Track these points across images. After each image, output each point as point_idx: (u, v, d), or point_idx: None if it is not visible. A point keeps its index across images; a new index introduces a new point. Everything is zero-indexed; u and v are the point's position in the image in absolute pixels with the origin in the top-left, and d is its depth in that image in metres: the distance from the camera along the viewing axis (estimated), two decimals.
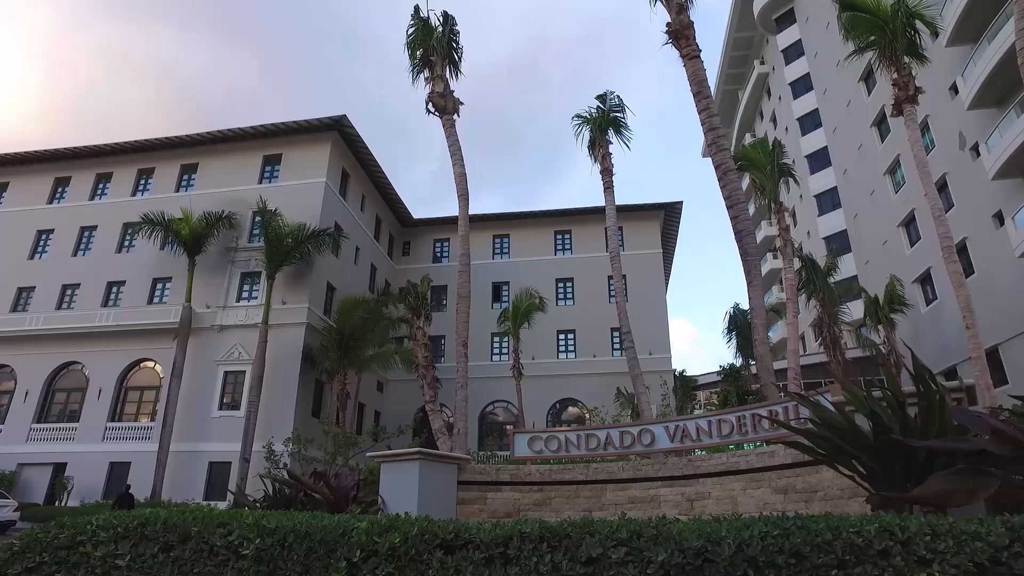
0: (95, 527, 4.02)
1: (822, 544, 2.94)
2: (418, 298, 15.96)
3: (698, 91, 10.29)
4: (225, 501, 23.63)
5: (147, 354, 27.84)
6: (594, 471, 8.45)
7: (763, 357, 9.44)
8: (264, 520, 3.78)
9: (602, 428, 8.82)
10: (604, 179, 19.07)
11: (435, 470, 8.08)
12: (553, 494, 8.39)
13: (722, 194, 10.07)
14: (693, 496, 7.77)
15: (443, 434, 14.57)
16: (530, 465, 8.77)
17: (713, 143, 9.99)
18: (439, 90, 15.50)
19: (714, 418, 8.08)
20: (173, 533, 3.85)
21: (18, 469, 26.48)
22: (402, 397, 34.59)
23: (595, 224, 37.86)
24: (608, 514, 8.18)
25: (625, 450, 8.59)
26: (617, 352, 35.10)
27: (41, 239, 31.74)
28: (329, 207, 28.82)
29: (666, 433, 8.34)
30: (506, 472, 8.57)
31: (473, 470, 8.63)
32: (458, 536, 3.51)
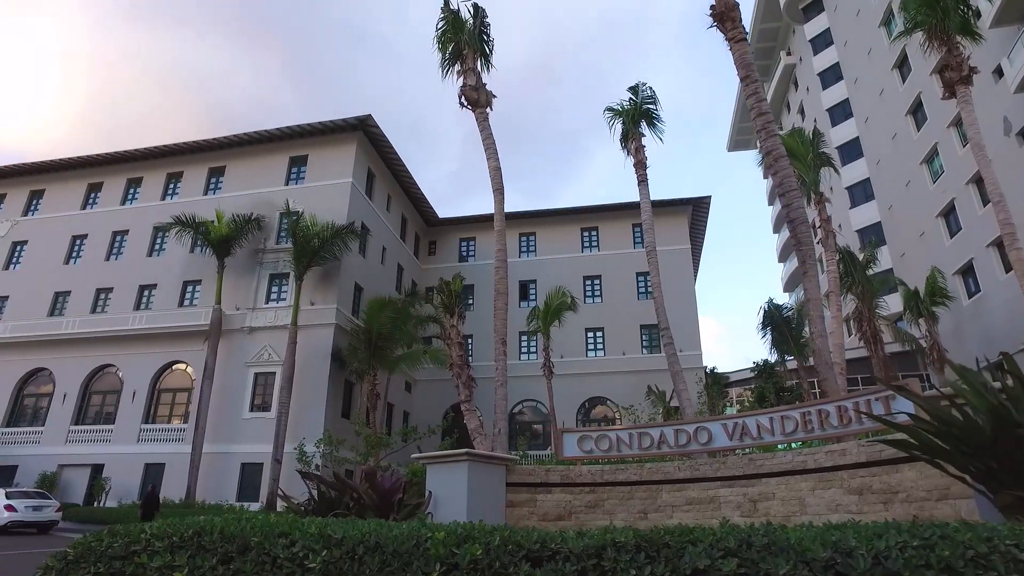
0: (149, 536, 3.79)
1: (977, 558, 2.56)
2: (451, 296, 15.71)
3: (745, 75, 9.85)
4: (258, 502, 23.70)
5: (179, 356, 28.04)
6: (649, 471, 8.08)
7: (822, 351, 8.99)
8: (329, 529, 3.50)
9: (655, 426, 8.45)
10: (638, 172, 18.64)
11: (483, 472, 7.79)
12: (606, 495, 8.04)
13: (773, 181, 9.65)
14: (756, 497, 7.37)
15: (479, 434, 14.29)
16: (580, 465, 8.44)
17: (763, 128, 9.56)
18: (471, 83, 15.24)
19: (776, 415, 7.67)
20: (232, 544, 3.59)
21: (59, 470, 26.89)
22: (430, 397, 34.49)
23: (622, 220, 37.42)
24: (664, 516, 7.83)
25: (680, 449, 8.21)
26: (646, 350, 34.64)
27: (76, 244, 32.22)
28: (355, 207, 28.76)
29: (724, 431, 7.95)
30: (556, 473, 8.24)
31: (521, 471, 8.32)
32: (545, 546, 3.20)
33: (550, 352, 27.70)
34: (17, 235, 33.19)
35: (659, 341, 34.62)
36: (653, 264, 17.80)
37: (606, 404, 34.34)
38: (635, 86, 19.13)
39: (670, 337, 17.14)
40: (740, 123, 60.39)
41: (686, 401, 15.98)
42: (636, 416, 24.95)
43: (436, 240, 38.86)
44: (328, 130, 29.48)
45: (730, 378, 39.52)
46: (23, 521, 20.74)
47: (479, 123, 15.19)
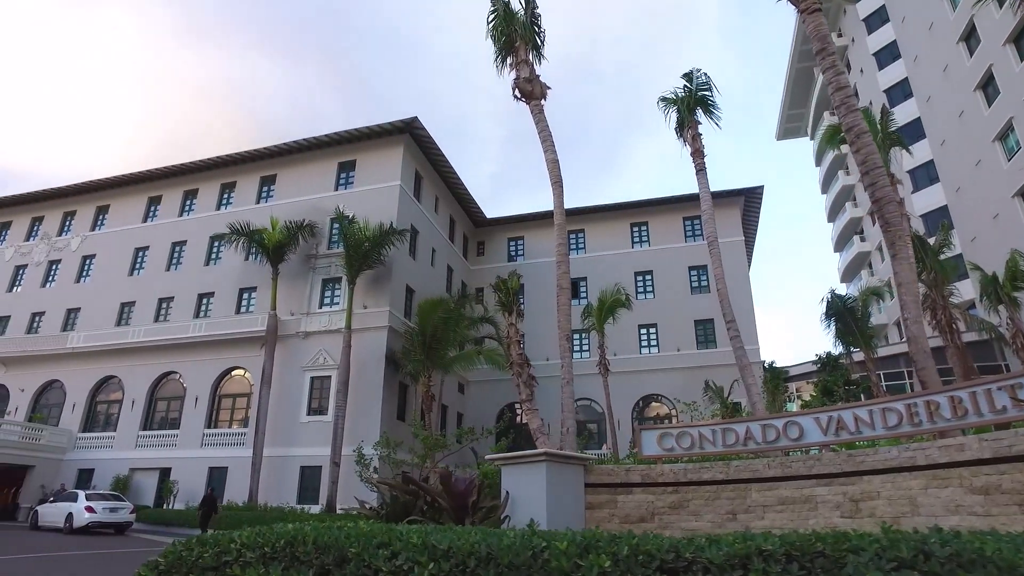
0: (240, 546, 3.59)
1: None
2: (508, 293, 15.44)
3: (821, 48, 9.24)
4: (318, 505, 23.94)
5: (237, 362, 28.63)
6: (735, 469, 7.60)
7: (918, 337, 8.33)
8: (433, 539, 3.21)
9: (740, 421, 7.97)
10: (695, 161, 18.00)
11: (562, 472, 7.46)
12: (690, 495, 7.61)
13: (855, 160, 9.02)
14: (858, 496, 6.81)
15: (541, 434, 13.96)
16: (661, 464, 8.02)
17: (843, 103, 8.95)
18: (525, 75, 14.95)
19: (877, 407, 7.09)
20: (327, 554, 3.35)
21: (130, 473, 27.82)
22: (484, 398, 34.40)
23: (672, 214, 36.62)
24: (755, 517, 7.34)
25: (768, 445, 7.70)
26: (702, 345, 33.76)
27: (138, 256, 33.37)
28: (404, 209, 28.86)
29: (817, 425, 7.41)
30: (636, 472, 7.85)
31: (600, 471, 7.96)
32: (679, 556, 2.84)
33: (605, 349, 27.18)
34: (86, 249, 34.65)
35: (714, 336, 33.75)
36: (715, 255, 17.13)
37: (660, 401, 33.62)
38: (689, 73, 18.51)
39: (736, 330, 16.45)
40: (789, 110, 58.44)
41: (756, 396, 15.30)
42: (698, 413, 24.16)
43: (484, 240, 38.78)
44: (375, 134, 29.67)
45: (789, 372, 38.19)
46: (102, 522, 21.61)
47: (534, 115, 14.88)
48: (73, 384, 31.20)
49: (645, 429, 8.29)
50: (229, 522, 22.49)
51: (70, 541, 18.66)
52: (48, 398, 32.03)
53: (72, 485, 27.64)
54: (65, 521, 21.81)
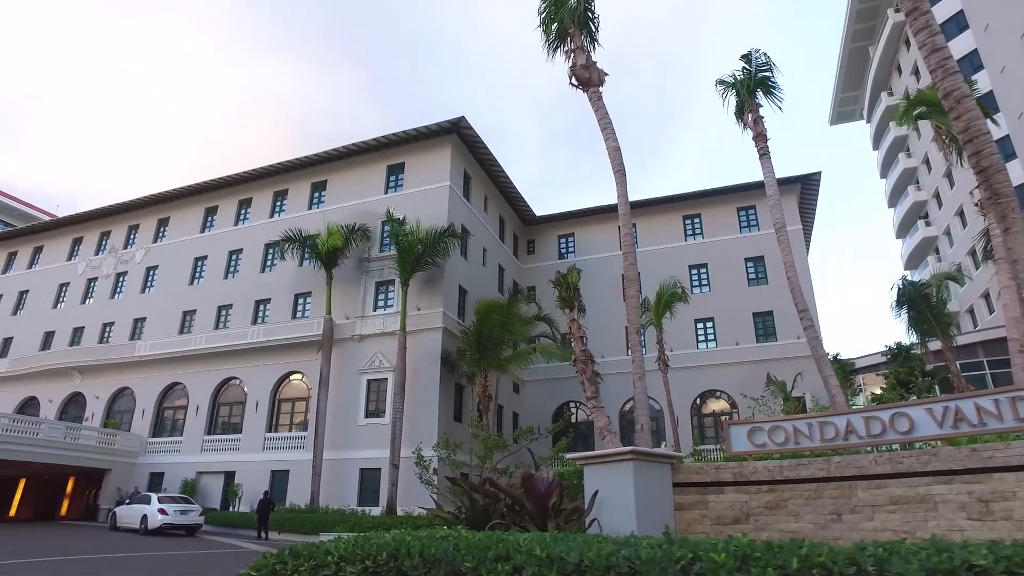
0: (338, 558, 3.28)
1: None
2: (569, 289, 15.01)
3: (913, 7, 8.51)
4: (378, 507, 23.98)
5: (295, 367, 29.03)
6: (838, 466, 6.99)
7: None
8: (560, 550, 2.83)
9: (839, 414, 7.36)
10: (758, 145, 17.19)
11: (650, 471, 7.00)
12: (788, 494, 7.04)
13: (956, 127, 8.25)
14: (987, 496, 6.14)
15: (609, 432, 13.49)
16: (752, 461, 7.47)
17: (939, 66, 8.18)
18: (581, 62, 14.51)
19: (1004, 396, 6.39)
20: (438, 568, 3.01)
21: (197, 477, 28.54)
22: (538, 397, 34.05)
23: (725, 205, 35.54)
24: (863, 518, 6.73)
25: (873, 439, 7.07)
26: (761, 338, 32.60)
27: (198, 265, 34.32)
28: (454, 210, 28.75)
29: (931, 417, 6.74)
30: (727, 470, 7.32)
31: (688, 469, 7.46)
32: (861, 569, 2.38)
33: (664, 345, 26.44)
34: (150, 261, 35.88)
35: (774, 329, 32.52)
36: (783, 242, 16.28)
37: (719, 397, 32.62)
38: (748, 54, 17.71)
39: (810, 320, 15.61)
40: (843, 93, 56.11)
41: (835, 389, 14.43)
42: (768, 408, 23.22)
43: (534, 239, 38.44)
44: (422, 136, 29.68)
45: (855, 365, 36.53)
46: (173, 524, 22.27)
47: (592, 103, 14.41)
48: (142, 391, 32.28)
49: (734, 424, 7.75)
50: (293, 524, 22.79)
51: (147, 542, 19.15)
52: (120, 404, 33.24)
53: (144, 488, 28.59)
54: (140, 523, 22.54)
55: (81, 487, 32.98)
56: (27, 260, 41.28)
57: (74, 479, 33.18)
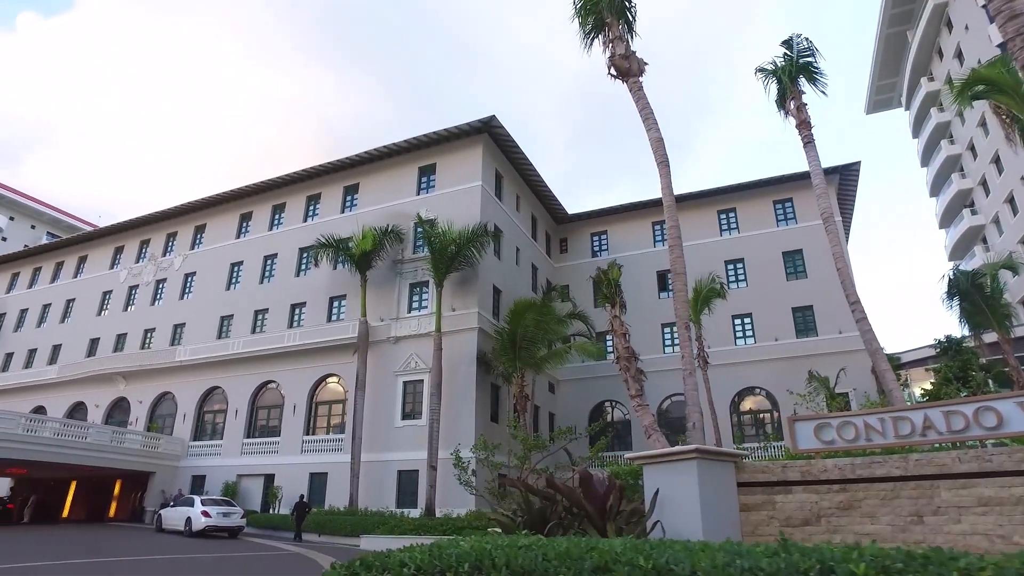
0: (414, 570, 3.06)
1: None
2: (610, 285, 14.69)
3: None
4: (416, 509, 23.93)
5: (331, 370, 29.19)
6: (916, 464, 6.59)
7: None
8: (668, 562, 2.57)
9: (916, 408, 6.95)
10: (802, 133, 16.62)
11: (714, 471, 6.69)
12: (862, 494, 6.66)
13: None
14: None
15: (655, 431, 13.14)
16: (820, 459, 7.11)
17: (1018, 34, 7.71)
18: (620, 52, 14.20)
19: None
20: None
21: (237, 480, 28.89)
22: (574, 397, 33.74)
23: (761, 198, 34.75)
24: (949, 520, 6.33)
25: (955, 435, 6.66)
26: (801, 333, 31.76)
27: (234, 271, 34.81)
28: (487, 210, 28.61)
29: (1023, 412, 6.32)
30: (794, 469, 6.96)
31: (752, 468, 7.13)
32: None
33: (703, 341, 25.92)
34: (188, 267, 36.55)
35: (814, 323, 31.66)
36: (832, 232, 15.67)
37: (757, 394, 31.86)
38: (788, 40, 17.17)
39: (862, 312, 15.02)
40: (880, 80, 54.47)
41: (892, 383, 13.84)
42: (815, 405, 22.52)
43: (567, 237, 38.14)
44: (453, 136, 29.61)
45: (901, 359, 35.39)
46: (217, 526, 22.55)
47: (633, 93, 14.08)
48: (183, 395, 32.86)
49: (799, 420, 7.39)
50: (333, 527, 22.89)
51: (192, 544, 19.39)
52: (162, 409, 33.90)
53: (187, 490, 29.03)
54: (185, 525, 22.90)
55: (128, 489, 33.72)
56: (72, 269, 42.46)
57: (121, 482, 33.95)
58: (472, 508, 22.37)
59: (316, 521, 23.77)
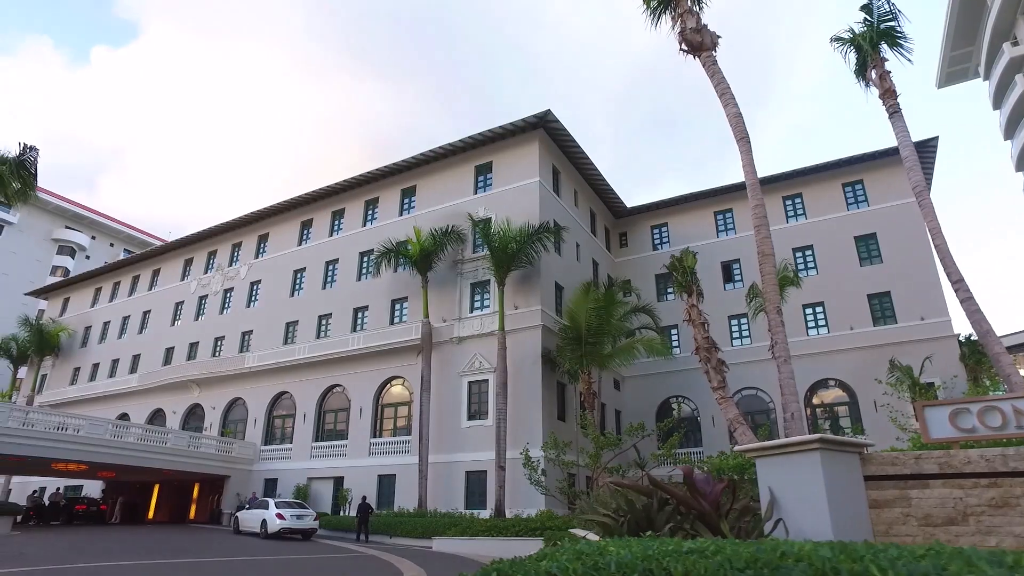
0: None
1: None
2: (686, 273, 14.02)
3: None
4: (486, 509, 23.69)
5: (396, 372, 29.33)
6: None
7: None
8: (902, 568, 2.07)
9: None
10: (887, 103, 15.49)
11: (838, 463, 6.08)
12: (1019, 490, 5.90)
13: None
14: None
15: (740, 424, 12.42)
16: (960, 449, 6.38)
17: None
18: (692, 25, 13.55)
19: None
20: None
21: (308, 482, 29.35)
22: (640, 393, 32.93)
23: (829, 182, 33.07)
24: None
25: None
26: (879, 321, 30.01)
27: (297, 277, 35.52)
28: (546, 206, 28.20)
29: None
30: (931, 460, 6.25)
31: (880, 460, 6.45)
32: None
33: None
34: (253, 276, 37.54)
35: (892, 310, 29.87)
36: (927, 208, 14.50)
37: (831, 386, 30.26)
38: (868, 4, 16.04)
39: (967, 291, 13.82)
40: (952, 51, 51.22)
41: (1009, 366, 12.63)
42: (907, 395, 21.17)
43: (626, 231, 37.31)
44: (508, 133, 29.32)
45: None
46: (291, 528, 22.87)
47: (707, 68, 13.39)
48: (253, 401, 33.70)
49: (930, 406, 6.66)
50: (404, 528, 22.86)
51: (270, 546, 19.68)
52: (234, 414, 34.88)
53: (261, 493, 29.70)
54: (260, 527, 23.32)
55: (205, 492, 34.86)
56: (148, 283, 44.33)
57: (199, 485, 35.13)
58: (542, 508, 21.99)
59: (386, 523, 23.85)
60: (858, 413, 28.43)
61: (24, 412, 25.69)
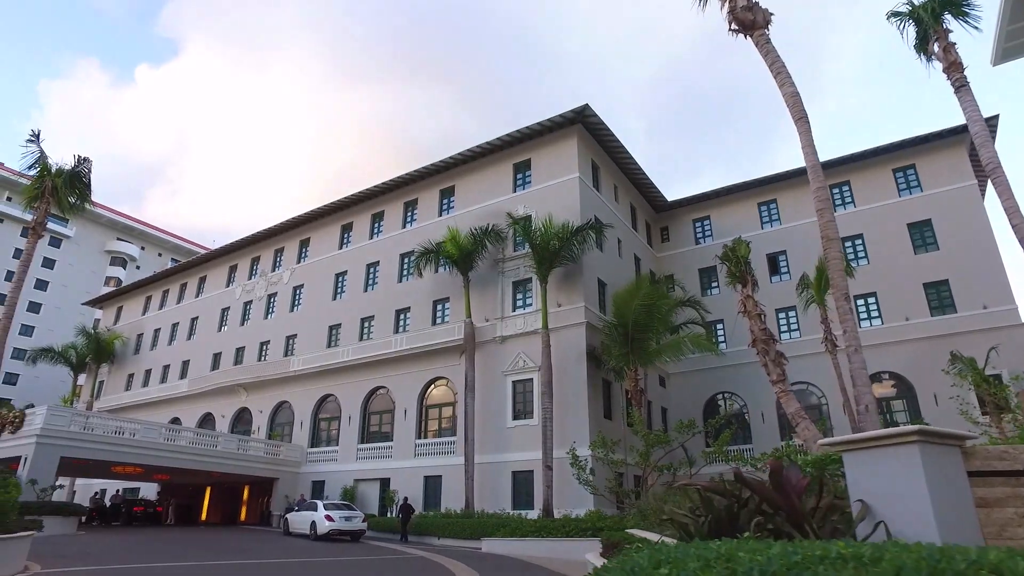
0: None
1: None
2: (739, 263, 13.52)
3: None
4: (533, 510, 23.44)
5: (439, 373, 29.30)
6: None
7: None
8: None
9: None
10: (952, 77, 14.64)
11: (940, 458, 5.61)
12: None
13: None
14: None
15: (802, 418, 11.88)
16: None
17: None
18: (742, 3, 13.01)
19: None
20: None
21: (354, 484, 29.54)
22: (686, 391, 32.25)
23: (878, 168, 31.80)
24: None
25: None
26: (937, 311, 28.72)
27: (339, 281, 35.88)
28: (586, 202, 27.83)
29: None
30: None
31: (986, 453, 5.93)
32: None
33: (829, 324, 23.90)
34: (296, 280, 38.10)
35: (951, 299, 28.56)
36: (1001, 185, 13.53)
37: (883, 380, 29.01)
38: None
39: None
40: (1009, 25, 48.86)
41: None
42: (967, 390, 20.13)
43: (667, 225, 36.59)
44: (546, 129, 29.04)
45: None
46: (340, 530, 23.00)
47: (760, 47, 12.84)
48: (299, 404, 34.13)
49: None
50: (452, 530, 22.77)
51: (321, 548, 19.79)
52: (280, 417, 35.40)
53: (308, 495, 30.01)
54: (310, 529, 23.51)
55: (255, 495, 35.48)
56: (195, 290, 45.46)
57: (248, 487, 35.78)
58: (591, 508, 21.64)
59: (434, 524, 23.81)
60: (916, 407, 27.27)
61: (85, 417, 26.51)
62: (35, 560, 12.56)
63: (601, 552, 10.15)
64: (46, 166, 22.50)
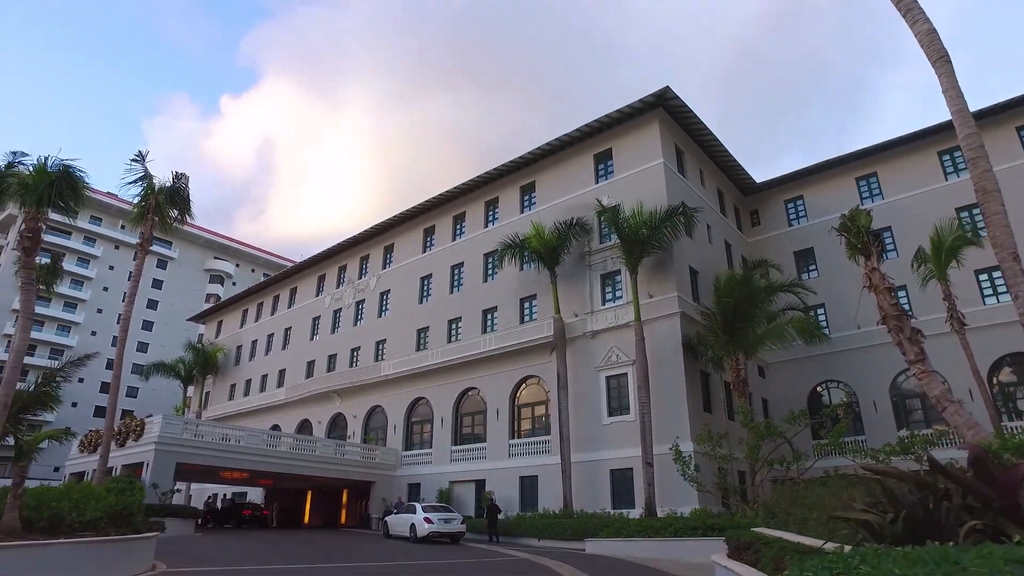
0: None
1: None
2: (861, 233, 12.31)
3: None
4: (634, 509, 22.58)
5: (530, 371, 28.91)
6: None
7: None
8: None
9: None
10: None
11: None
12: None
13: None
14: None
15: (949, 402, 10.60)
16: None
17: None
18: None
19: None
20: None
21: (450, 486, 29.59)
22: (786, 381, 30.41)
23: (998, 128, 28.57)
24: None
25: None
26: None
27: (424, 284, 36.27)
28: (672, 188, 26.74)
29: None
30: None
31: None
32: None
33: (954, 299, 21.72)
34: (382, 286, 38.88)
35: None
36: None
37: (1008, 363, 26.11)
38: None
39: None
40: None
41: None
42: None
43: (757, 208, 34.71)
44: (627, 116, 28.14)
45: None
46: (439, 532, 22.96)
47: None
48: (391, 407, 34.67)
49: None
50: (552, 531, 22.20)
51: (422, 550, 19.76)
52: (374, 422, 36.09)
53: (405, 498, 30.34)
54: (410, 531, 23.60)
55: (353, 498, 36.30)
56: (287, 301, 47.36)
57: (347, 491, 36.65)
58: (696, 506, 20.62)
59: (533, 525, 23.40)
60: None
61: (195, 425, 27.89)
62: (160, 559, 13.05)
63: (728, 553, 9.35)
64: (151, 184, 23.81)
